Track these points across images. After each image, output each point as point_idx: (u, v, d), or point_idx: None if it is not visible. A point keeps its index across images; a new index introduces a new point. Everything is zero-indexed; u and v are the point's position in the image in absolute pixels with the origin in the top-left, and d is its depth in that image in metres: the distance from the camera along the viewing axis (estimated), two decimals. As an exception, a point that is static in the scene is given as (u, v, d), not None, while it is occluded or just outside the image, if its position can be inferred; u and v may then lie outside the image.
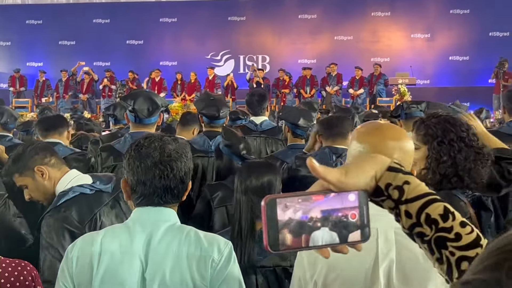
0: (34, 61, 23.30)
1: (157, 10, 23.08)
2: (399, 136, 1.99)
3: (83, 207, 3.09)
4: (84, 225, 3.05)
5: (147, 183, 2.23)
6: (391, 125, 2.05)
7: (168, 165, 2.23)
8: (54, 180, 3.16)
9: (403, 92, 16.42)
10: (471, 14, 21.03)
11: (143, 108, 4.22)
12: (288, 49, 22.49)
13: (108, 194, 3.19)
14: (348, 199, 1.22)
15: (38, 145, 3.25)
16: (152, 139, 2.27)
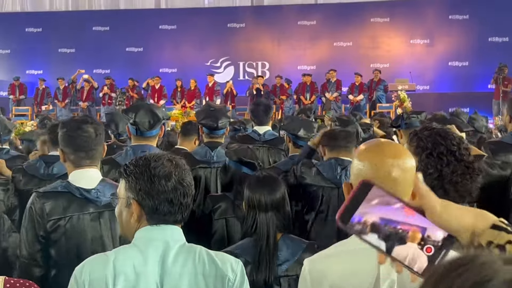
0: (33, 69, 23.33)
1: (157, 17, 23.13)
2: (398, 154, 1.99)
3: (57, 205, 3.13)
4: (48, 219, 3.11)
5: (174, 201, 2.23)
6: (391, 143, 2.06)
7: (187, 183, 2.25)
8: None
9: (403, 98, 16.41)
10: (470, 20, 21.06)
11: (144, 121, 4.22)
12: (288, 55, 22.52)
13: (95, 206, 3.17)
14: (434, 232, 1.23)
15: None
16: (165, 158, 2.28)
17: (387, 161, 1.95)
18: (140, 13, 23.27)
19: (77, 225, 3.14)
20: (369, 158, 1.98)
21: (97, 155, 3.25)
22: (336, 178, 4.14)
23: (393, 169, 1.94)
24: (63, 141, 3.21)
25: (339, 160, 4.18)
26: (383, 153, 1.98)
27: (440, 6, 21.44)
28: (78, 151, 3.17)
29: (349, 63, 21.12)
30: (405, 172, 1.96)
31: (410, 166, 1.99)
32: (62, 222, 3.12)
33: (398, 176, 1.94)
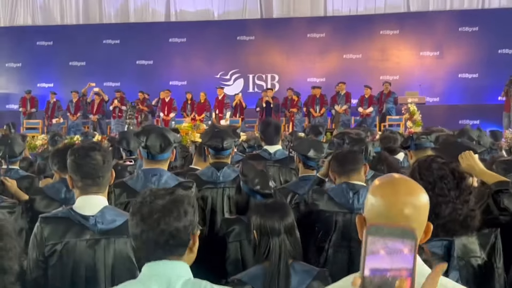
0: (44, 82, 23.46)
1: (166, 30, 23.23)
2: (412, 191, 1.99)
3: (55, 230, 3.16)
4: (46, 243, 3.14)
5: (137, 238, 2.31)
6: (405, 180, 2.05)
7: (154, 221, 2.27)
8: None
9: (412, 111, 16.43)
10: (480, 32, 21.04)
11: (156, 145, 4.25)
12: (297, 67, 22.55)
13: (92, 232, 3.19)
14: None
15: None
16: (147, 195, 2.34)
17: (400, 199, 1.96)
18: (150, 26, 23.39)
19: (72, 251, 3.16)
20: (382, 194, 1.98)
21: (105, 182, 3.28)
22: (349, 203, 4.14)
23: (405, 206, 1.94)
24: (71, 168, 3.25)
25: (350, 184, 4.19)
26: (396, 190, 1.98)
27: (450, 18, 21.45)
28: (86, 179, 3.21)
29: (359, 75, 21.11)
30: (418, 210, 1.97)
31: (424, 203, 2.00)
32: (59, 247, 3.15)
33: (411, 214, 1.94)
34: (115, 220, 3.20)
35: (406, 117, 16.87)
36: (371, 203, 2.01)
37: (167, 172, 4.35)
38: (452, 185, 2.91)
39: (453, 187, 2.90)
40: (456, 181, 2.92)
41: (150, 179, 4.26)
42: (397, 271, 1.30)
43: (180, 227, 2.28)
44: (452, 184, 2.91)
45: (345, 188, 4.17)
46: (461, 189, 2.90)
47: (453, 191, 2.89)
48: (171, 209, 2.28)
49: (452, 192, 2.88)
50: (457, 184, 2.91)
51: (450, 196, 2.86)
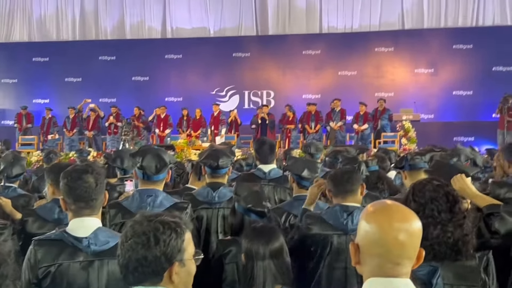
0: (40, 98, 23.50)
1: (162, 47, 23.31)
2: (406, 218, 2.02)
3: (48, 252, 3.16)
4: (39, 266, 3.14)
5: (119, 261, 2.34)
6: (399, 206, 2.08)
7: (130, 247, 2.31)
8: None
9: (407, 128, 16.50)
10: (474, 49, 21.15)
11: (151, 165, 4.27)
12: (293, 84, 22.61)
13: (85, 254, 3.19)
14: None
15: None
16: (140, 220, 2.35)
17: (394, 225, 1.99)
18: (146, 43, 23.46)
19: (66, 273, 3.16)
20: (377, 221, 2.01)
21: (98, 205, 3.27)
22: (343, 225, 4.13)
23: (400, 233, 1.98)
24: (64, 191, 3.26)
25: (343, 206, 4.17)
26: (391, 217, 2.01)
27: (444, 35, 21.57)
28: (78, 201, 3.21)
29: (354, 92, 21.19)
30: (412, 236, 2.00)
31: (417, 230, 2.03)
32: (52, 269, 3.15)
33: (405, 240, 1.98)
34: (108, 242, 3.19)
35: (401, 134, 16.94)
36: (365, 230, 2.03)
37: (163, 193, 4.36)
38: (444, 207, 2.93)
39: (445, 209, 2.92)
40: (449, 204, 2.94)
41: (145, 200, 4.27)
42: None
43: (148, 256, 2.28)
44: (444, 206, 2.93)
45: (339, 210, 4.17)
46: (454, 213, 2.92)
47: (444, 213, 2.91)
48: (142, 237, 2.29)
49: (443, 214, 2.90)
50: (450, 207, 2.93)
51: (440, 218, 2.88)
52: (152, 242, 2.28)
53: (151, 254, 2.27)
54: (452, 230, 2.90)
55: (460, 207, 2.96)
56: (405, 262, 2.00)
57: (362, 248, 2.03)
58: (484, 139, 18.45)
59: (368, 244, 2.01)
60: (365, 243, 2.02)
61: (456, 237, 2.90)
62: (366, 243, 2.02)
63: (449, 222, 2.90)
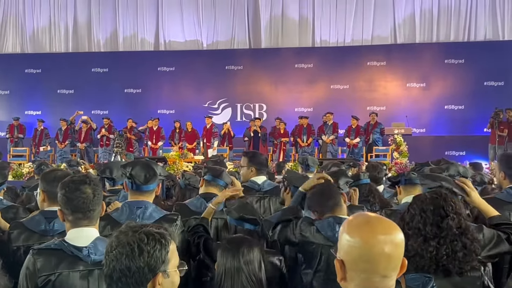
0: (32, 109, 23.44)
1: (155, 59, 23.32)
2: (389, 230, 2.01)
3: (48, 261, 3.15)
4: (39, 275, 3.13)
5: (107, 272, 2.37)
6: (381, 219, 2.06)
7: (113, 256, 2.34)
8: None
9: (399, 142, 16.53)
10: (466, 64, 21.26)
11: (140, 174, 4.25)
12: (285, 97, 22.65)
13: (85, 263, 3.18)
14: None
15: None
16: (127, 230, 2.37)
17: (379, 238, 1.97)
18: (139, 55, 23.49)
19: (66, 282, 3.15)
20: (361, 235, 1.99)
21: (95, 215, 3.28)
22: (335, 236, 4.10)
23: (385, 245, 1.97)
24: (61, 202, 3.26)
25: (336, 218, 4.14)
26: (374, 229, 2.00)
27: (436, 50, 21.68)
28: (76, 212, 3.21)
29: (346, 105, 21.27)
30: (397, 247, 1.99)
31: (401, 240, 2.02)
32: (52, 278, 3.14)
33: (391, 251, 1.97)
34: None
35: (393, 148, 16.97)
36: (349, 245, 2.01)
37: (152, 205, 4.33)
38: (432, 221, 2.91)
39: (431, 223, 2.90)
40: (438, 218, 2.92)
41: (135, 211, 4.25)
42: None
43: (132, 267, 2.30)
44: (431, 219, 2.91)
45: (332, 222, 4.15)
46: (441, 228, 2.90)
47: (430, 227, 2.89)
48: (126, 247, 2.31)
49: (428, 228, 2.89)
50: (437, 221, 2.91)
51: (425, 231, 2.86)
52: (136, 253, 2.30)
53: (134, 264, 2.29)
54: (435, 245, 2.87)
55: (450, 223, 2.93)
56: (392, 274, 2.00)
57: (348, 264, 2.01)
58: (475, 154, 18.49)
59: (354, 260, 1.99)
60: (351, 258, 2.00)
61: (441, 253, 2.88)
62: (352, 259, 2.00)
63: (435, 237, 2.88)
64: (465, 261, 2.93)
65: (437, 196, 3.03)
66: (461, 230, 2.94)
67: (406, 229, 2.88)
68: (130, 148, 19.68)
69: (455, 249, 2.90)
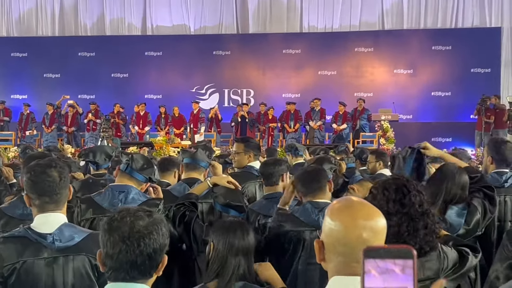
0: (18, 93, 23.27)
1: (142, 43, 23.20)
2: (370, 215, 2.01)
3: (12, 250, 3.11)
4: (3, 265, 3.08)
5: (113, 257, 2.25)
6: (363, 203, 2.06)
7: (135, 241, 2.25)
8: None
9: (386, 128, 16.58)
10: (453, 51, 21.29)
11: (139, 161, 4.41)
12: (273, 83, 22.62)
13: (50, 250, 3.14)
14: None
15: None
16: (125, 214, 2.30)
17: (358, 223, 1.97)
18: (126, 39, 23.37)
19: (31, 270, 3.11)
20: (341, 219, 1.99)
21: (62, 199, 3.23)
22: (315, 221, 4.09)
23: (364, 231, 1.96)
24: (27, 186, 3.21)
25: (314, 203, 4.15)
26: (354, 214, 2.00)
27: (424, 37, 21.69)
28: (43, 196, 3.16)
29: (333, 91, 21.27)
30: (377, 234, 1.99)
31: (382, 227, 2.01)
32: (17, 266, 3.09)
33: (369, 237, 1.96)
34: (73, 237, 3.16)
35: (380, 134, 17.02)
36: (329, 228, 2.01)
37: (135, 189, 4.33)
38: (393, 197, 2.91)
39: (393, 199, 2.90)
40: (400, 195, 2.91)
41: (117, 196, 4.26)
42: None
43: (157, 249, 2.28)
44: (393, 196, 2.91)
45: (310, 208, 4.15)
46: (404, 204, 2.90)
47: (392, 203, 2.89)
48: (151, 230, 2.28)
49: (391, 204, 2.88)
50: (400, 198, 2.90)
51: (387, 207, 2.86)
52: (160, 236, 2.31)
53: (159, 247, 2.30)
54: (397, 221, 2.86)
55: (412, 199, 2.93)
56: None
57: (327, 246, 2.01)
58: (462, 140, 18.56)
59: (333, 242, 1.99)
60: (330, 241, 2.00)
61: (403, 229, 2.88)
62: (331, 241, 2.00)
63: (397, 213, 2.87)
64: (425, 240, 2.92)
65: (398, 177, 3.04)
66: (423, 209, 2.92)
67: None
68: (118, 133, 19.62)
69: (416, 227, 2.89)
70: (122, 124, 20.33)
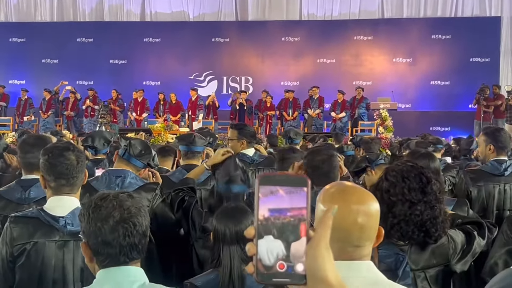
0: (16, 79, 23.20)
1: (141, 30, 23.14)
2: (363, 200, 1.99)
3: (24, 230, 3.13)
4: (14, 244, 3.11)
5: (112, 243, 2.24)
6: (357, 188, 2.04)
7: (130, 222, 2.25)
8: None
9: (384, 117, 16.53)
10: (452, 40, 21.26)
11: (137, 147, 4.40)
12: (271, 71, 22.59)
13: (61, 234, 3.14)
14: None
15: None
16: (108, 198, 2.29)
17: (352, 208, 1.95)
18: (124, 26, 23.30)
19: (41, 252, 3.12)
20: (334, 203, 1.93)
21: (78, 183, 3.25)
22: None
23: (358, 215, 1.94)
24: (44, 168, 3.22)
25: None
26: (348, 199, 1.97)
27: (423, 26, 21.64)
28: (59, 179, 3.17)
29: (332, 80, 21.23)
30: (370, 217, 1.97)
31: (375, 211, 1.99)
32: (28, 246, 3.11)
33: (364, 222, 1.95)
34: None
35: (378, 122, 16.97)
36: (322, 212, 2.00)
37: (132, 174, 4.32)
38: (416, 186, 2.92)
39: (416, 188, 2.91)
40: (421, 184, 2.93)
41: (114, 181, 4.25)
42: (297, 211, 1.26)
43: (147, 225, 2.31)
44: (415, 185, 2.92)
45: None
46: (426, 193, 2.91)
47: (415, 192, 2.90)
48: (139, 208, 2.30)
49: (413, 193, 2.90)
50: (422, 187, 2.92)
51: (410, 196, 2.88)
52: (146, 216, 2.33)
53: (146, 227, 2.31)
54: (421, 209, 2.89)
55: (433, 188, 2.95)
56: (365, 243, 1.98)
57: None
58: (460, 129, 18.58)
59: None
60: None
61: (425, 217, 2.89)
62: None
63: (419, 202, 2.89)
64: (442, 227, 2.96)
65: (413, 164, 3.04)
66: (441, 196, 2.96)
67: (386, 198, 2.88)
68: (114, 119, 19.58)
69: (435, 214, 2.92)
70: (119, 110, 20.30)
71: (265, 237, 1.23)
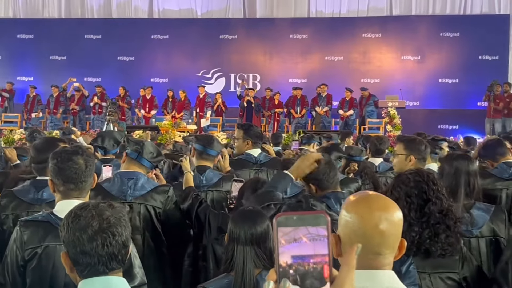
0: (24, 75, 23.24)
1: (149, 27, 23.13)
2: (386, 207, 1.99)
3: (35, 234, 3.13)
4: (26, 248, 3.12)
5: (90, 253, 2.23)
6: (379, 196, 2.05)
7: (109, 232, 2.24)
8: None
9: (392, 115, 16.47)
10: (461, 37, 21.18)
11: (150, 149, 4.41)
12: (279, 68, 22.56)
13: None
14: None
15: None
16: (88, 208, 2.28)
17: (374, 214, 1.96)
18: (132, 23, 23.27)
19: (52, 255, 3.13)
20: (357, 210, 1.97)
21: (87, 187, 3.26)
22: (337, 212, 3.99)
23: (380, 222, 1.95)
24: (53, 172, 3.22)
25: (339, 193, 4.04)
26: (371, 205, 1.98)
27: (432, 23, 21.56)
28: (68, 183, 3.18)
29: (340, 77, 21.18)
30: (393, 225, 1.97)
31: (398, 219, 1.99)
32: (39, 250, 3.12)
33: (385, 229, 1.95)
34: None
35: (386, 120, 16.93)
36: (345, 220, 1.99)
37: (144, 176, 4.33)
38: (416, 206, 2.94)
39: (415, 208, 2.93)
40: (422, 203, 2.95)
41: (126, 183, 4.24)
42: (320, 257, 1.27)
43: (128, 235, 2.30)
44: (415, 205, 2.94)
45: (333, 198, 3.98)
46: (424, 213, 2.93)
47: (414, 212, 2.92)
48: (119, 218, 2.29)
49: (412, 213, 2.92)
50: (420, 207, 2.94)
51: (409, 216, 2.89)
52: (127, 225, 2.32)
53: (126, 237, 2.30)
54: (417, 230, 2.90)
55: (432, 208, 2.95)
56: (386, 252, 1.97)
57: (343, 239, 1.98)
58: (468, 128, 18.51)
59: (348, 234, 1.97)
60: (346, 233, 1.97)
61: (424, 236, 2.90)
62: (347, 233, 1.97)
63: (417, 222, 2.90)
64: (447, 243, 2.95)
65: (420, 179, 3.02)
66: (444, 213, 2.95)
67: None
68: (122, 116, 19.59)
69: (437, 232, 2.93)
70: (127, 107, 20.31)
71: (288, 283, 1.26)
